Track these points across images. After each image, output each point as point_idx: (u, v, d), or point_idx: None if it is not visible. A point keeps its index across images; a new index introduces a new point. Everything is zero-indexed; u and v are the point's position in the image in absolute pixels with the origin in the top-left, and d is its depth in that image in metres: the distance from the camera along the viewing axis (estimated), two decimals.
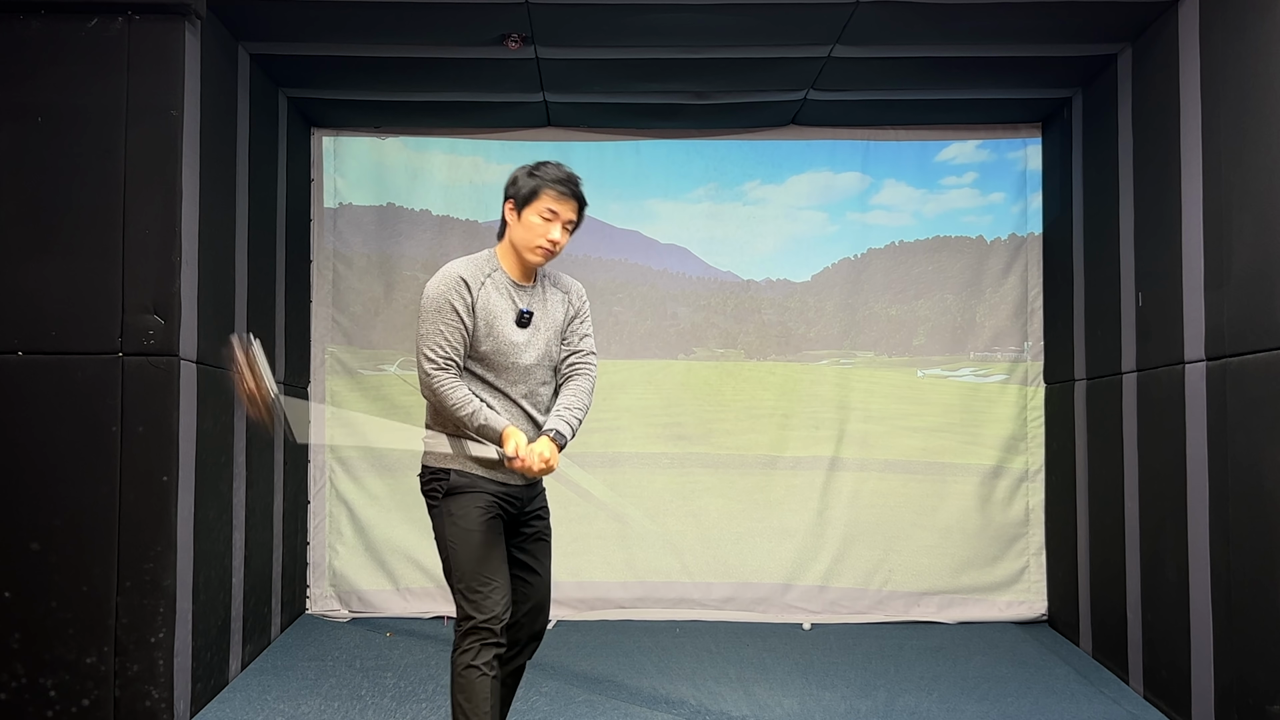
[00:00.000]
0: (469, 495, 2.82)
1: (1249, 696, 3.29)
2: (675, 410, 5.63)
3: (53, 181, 3.60)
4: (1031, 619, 5.38)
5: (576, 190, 2.87)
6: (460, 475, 2.83)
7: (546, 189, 2.83)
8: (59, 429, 3.54)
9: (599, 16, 4.10)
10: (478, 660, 2.74)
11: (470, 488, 2.82)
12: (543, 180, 2.84)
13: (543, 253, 2.86)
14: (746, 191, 5.66)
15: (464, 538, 2.80)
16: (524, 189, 2.85)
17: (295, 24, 4.17)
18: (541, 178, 2.84)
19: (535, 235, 2.84)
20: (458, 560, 2.80)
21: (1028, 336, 5.53)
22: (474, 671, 2.74)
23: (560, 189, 2.84)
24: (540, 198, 2.83)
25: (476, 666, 2.74)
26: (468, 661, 2.75)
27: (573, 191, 2.86)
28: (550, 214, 2.84)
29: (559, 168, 2.87)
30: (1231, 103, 3.46)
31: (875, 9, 4.00)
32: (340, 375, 5.54)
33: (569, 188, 2.85)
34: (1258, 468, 3.24)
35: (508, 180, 2.92)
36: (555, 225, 2.85)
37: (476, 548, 2.79)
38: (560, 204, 2.84)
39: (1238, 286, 3.40)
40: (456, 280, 2.81)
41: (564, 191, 2.84)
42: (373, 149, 5.59)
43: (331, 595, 5.46)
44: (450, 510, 2.82)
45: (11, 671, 3.51)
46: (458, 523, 2.81)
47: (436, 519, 2.88)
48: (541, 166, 2.87)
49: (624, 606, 5.45)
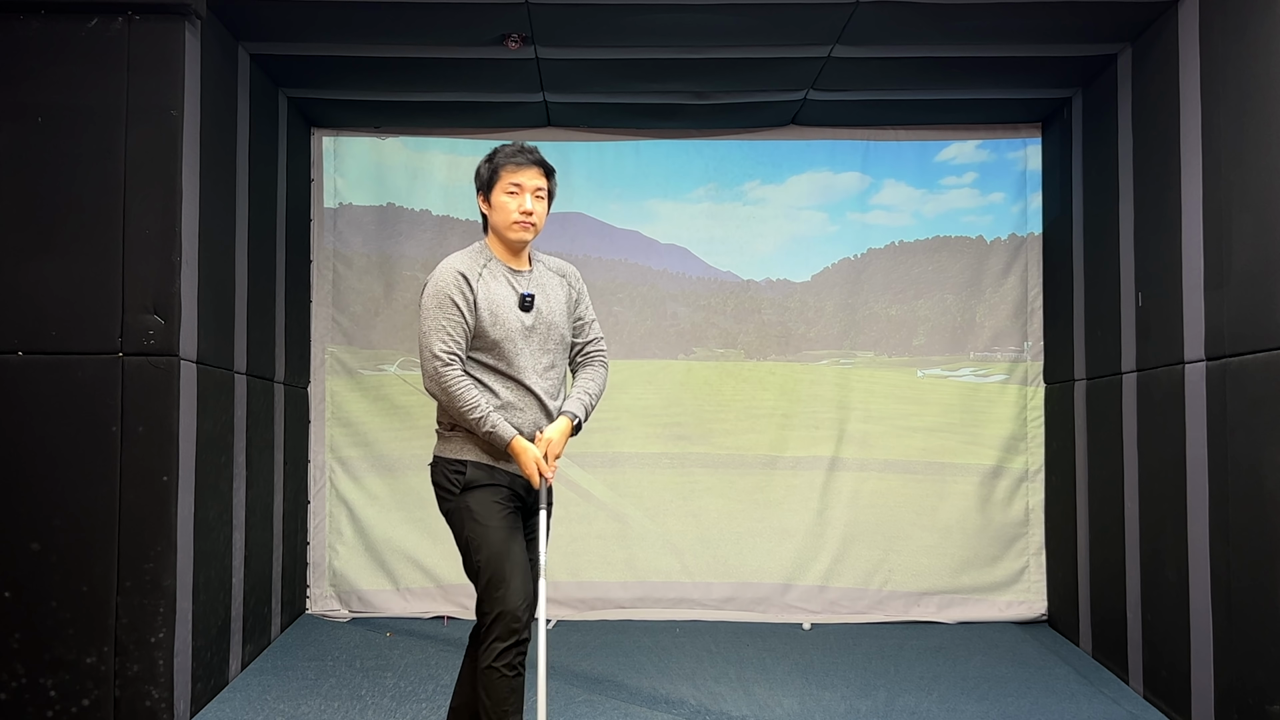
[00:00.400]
0: (487, 489, 2.83)
1: (1249, 696, 3.29)
2: (675, 410, 5.63)
3: (53, 181, 3.60)
4: (1031, 619, 5.38)
5: (535, 157, 2.93)
6: (477, 468, 2.84)
7: (503, 166, 2.90)
8: (59, 429, 3.55)
9: (599, 16, 4.10)
10: (499, 662, 2.75)
11: (488, 480, 2.84)
12: (498, 161, 2.91)
13: (520, 226, 2.89)
14: (746, 191, 5.66)
15: (485, 534, 2.80)
16: (484, 175, 2.94)
17: (295, 24, 4.16)
18: (496, 160, 2.92)
19: (509, 213, 2.89)
20: (481, 556, 2.80)
21: (1028, 336, 5.53)
22: (494, 672, 2.75)
23: (516, 160, 2.90)
24: (500, 177, 2.90)
25: (497, 668, 2.75)
26: (489, 661, 2.76)
27: (530, 159, 2.92)
28: (515, 188, 2.89)
29: (512, 145, 2.94)
30: (1231, 103, 3.46)
31: (875, 9, 4.00)
32: (340, 375, 5.54)
33: (525, 157, 2.91)
34: (1258, 468, 3.24)
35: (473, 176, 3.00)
36: (524, 196, 2.89)
37: (499, 543, 2.79)
38: (521, 174, 2.89)
39: (1238, 286, 3.40)
40: (455, 275, 2.83)
41: (520, 161, 2.90)
42: (373, 149, 5.59)
43: (331, 595, 5.46)
44: (469, 505, 2.82)
45: (11, 671, 3.51)
46: (478, 519, 2.81)
47: (453, 514, 2.86)
48: (495, 152, 2.95)
49: (624, 606, 5.45)
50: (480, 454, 2.85)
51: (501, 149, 2.94)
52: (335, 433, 5.51)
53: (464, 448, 2.86)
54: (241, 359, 4.34)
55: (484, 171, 2.94)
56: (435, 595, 5.36)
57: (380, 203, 5.58)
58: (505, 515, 2.84)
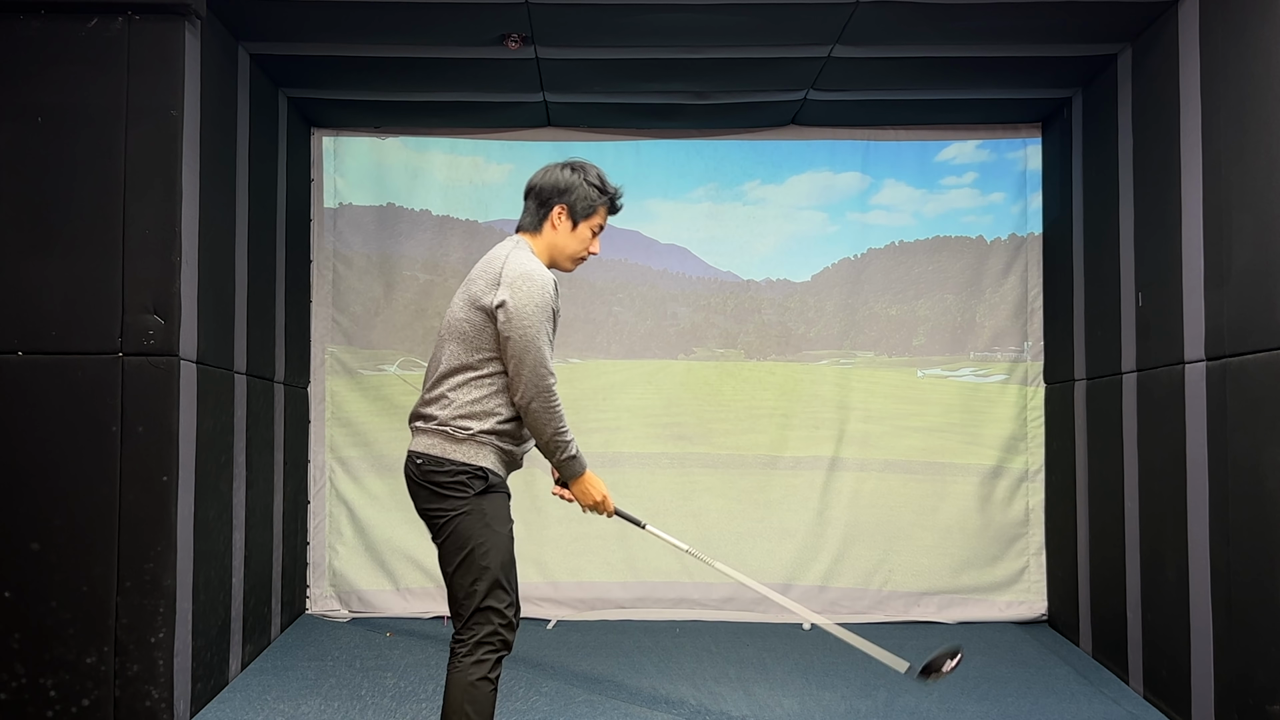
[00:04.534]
0: (500, 496, 2.79)
1: (1249, 696, 3.29)
2: (675, 410, 5.63)
3: (53, 181, 3.60)
4: (1031, 619, 5.38)
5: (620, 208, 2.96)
6: (496, 475, 2.78)
7: (606, 207, 2.87)
8: (59, 429, 3.54)
9: (599, 16, 4.10)
10: (492, 674, 2.69)
11: (501, 488, 2.80)
12: (607, 200, 2.86)
13: (578, 264, 2.90)
14: (746, 191, 5.66)
15: (497, 541, 2.73)
16: (584, 200, 2.83)
17: (295, 24, 4.17)
18: (607, 196, 2.86)
19: (581, 247, 2.86)
20: (489, 561, 2.70)
21: (1028, 336, 5.53)
22: (487, 684, 2.68)
23: (618, 207, 2.91)
24: (598, 212, 2.86)
25: (490, 680, 2.69)
26: (484, 673, 2.67)
27: (619, 210, 2.95)
28: (599, 229, 2.88)
29: (619, 189, 2.90)
30: (1231, 103, 3.46)
31: (875, 9, 4.00)
32: (340, 375, 5.54)
33: (619, 207, 2.93)
34: (1258, 468, 3.24)
35: (559, 181, 2.85)
36: (599, 240, 2.91)
37: (506, 551, 2.76)
38: (606, 218, 2.91)
39: (1238, 286, 3.40)
40: (554, 284, 2.77)
41: (618, 210, 2.92)
42: (373, 149, 5.59)
43: (331, 595, 5.46)
44: (484, 509, 2.74)
45: (11, 671, 3.51)
46: (490, 524, 2.73)
47: (462, 515, 2.73)
48: (603, 179, 2.87)
49: (624, 606, 5.45)
50: (500, 466, 2.80)
51: (614, 188, 2.88)
52: (335, 433, 5.51)
53: (488, 456, 2.77)
54: (241, 359, 4.34)
55: (586, 195, 2.83)
56: (435, 595, 5.37)
57: (380, 203, 5.59)
58: (511, 526, 2.81)
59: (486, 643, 2.68)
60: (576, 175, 2.84)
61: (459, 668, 2.67)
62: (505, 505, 2.81)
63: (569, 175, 2.84)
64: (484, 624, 2.69)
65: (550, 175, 2.87)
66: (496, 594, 2.70)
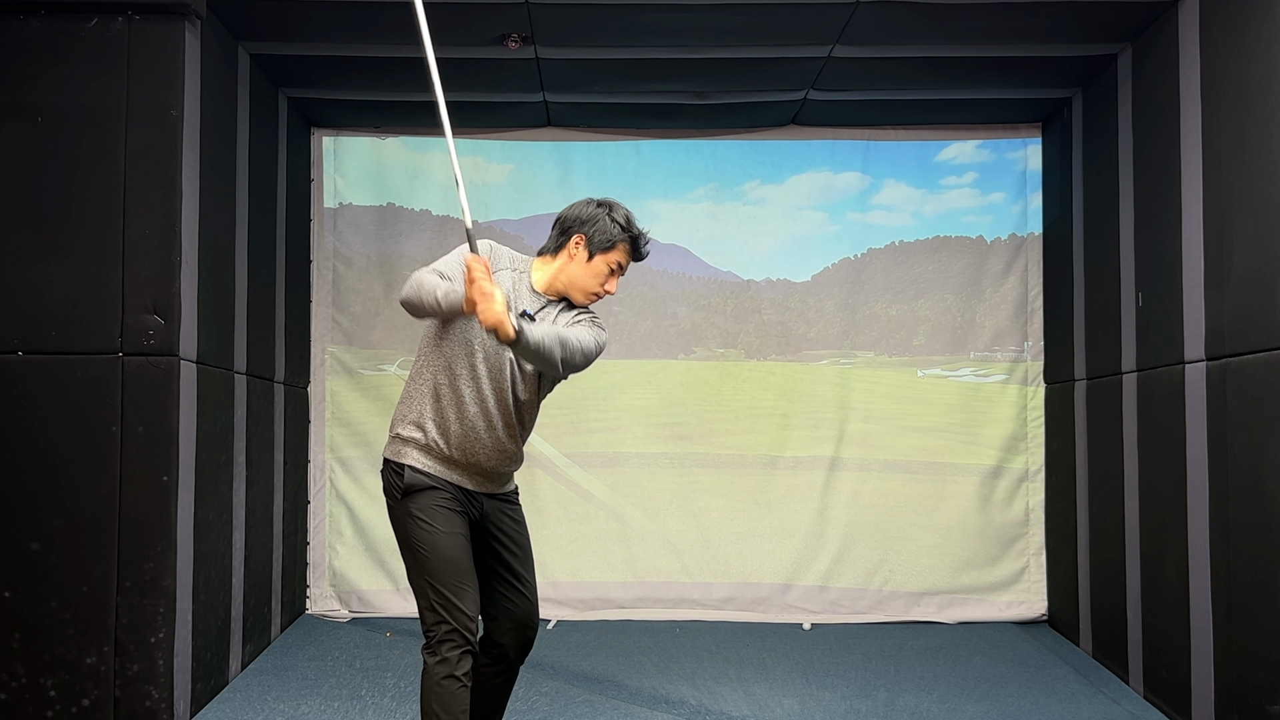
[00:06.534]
0: (429, 493, 2.69)
1: (1249, 696, 3.29)
2: (675, 410, 5.63)
3: (53, 181, 3.60)
4: (1031, 619, 5.38)
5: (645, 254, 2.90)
6: (416, 472, 2.69)
7: (625, 245, 2.82)
8: (59, 429, 3.54)
9: (599, 16, 4.10)
10: (458, 670, 2.62)
11: (429, 485, 2.70)
12: (627, 238, 2.82)
13: (593, 299, 2.84)
14: (746, 191, 5.66)
15: (430, 539, 2.66)
16: (603, 233, 2.80)
17: (295, 24, 4.17)
18: (629, 235, 2.82)
19: (596, 282, 2.81)
20: (425, 563, 2.66)
21: (1028, 336, 5.53)
22: (454, 682, 2.62)
23: (638, 250, 2.85)
24: (616, 249, 2.82)
25: (457, 677, 2.62)
26: (448, 671, 2.62)
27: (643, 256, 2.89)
28: (618, 268, 2.84)
29: (642, 232, 2.85)
30: (1231, 103, 3.46)
31: (875, 9, 4.00)
32: (340, 375, 5.54)
33: (642, 252, 2.87)
34: (1258, 468, 3.24)
35: (582, 213, 2.83)
36: (616, 279, 2.85)
37: (445, 549, 2.67)
38: (628, 260, 2.86)
39: (1238, 286, 3.40)
40: (488, 244, 2.77)
41: (638, 256, 2.87)
42: (373, 149, 5.59)
43: (331, 595, 5.46)
44: (410, 510, 2.69)
45: (11, 671, 3.51)
46: (420, 524, 2.67)
47: (397, 519, 2.73)
48: (629, 220, 2.84)
49: (624, 606, 5.45)
50: (424, 461, 2.71)
51: (638, 229, 2.84)
52: (335, 433, 5.51)
53: (410, 454, 2.72)
54: (241, 359, 4.34)
55: (606, 229, 2.79)
56: None
57: (380, 203, 5.58)
58: (450, 518, 2.70)
59: (447, 640, 2.64)
60: (601, 210, 2.83)
61: (426, 668, 2.66)
62: (435, 502, 2.69)
63: (593, 209, 2.84)
64: (440, 622, 2.65)
65: (577, 207, 2.87)
66: (440, 593, 2.65)
